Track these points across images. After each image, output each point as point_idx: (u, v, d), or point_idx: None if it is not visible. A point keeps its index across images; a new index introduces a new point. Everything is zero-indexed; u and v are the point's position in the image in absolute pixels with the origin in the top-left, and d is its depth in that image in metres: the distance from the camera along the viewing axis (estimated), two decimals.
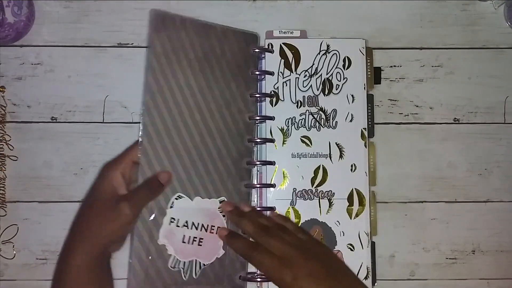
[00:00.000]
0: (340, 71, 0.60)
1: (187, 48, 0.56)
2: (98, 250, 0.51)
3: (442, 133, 0.63)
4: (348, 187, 0.59)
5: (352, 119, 0.60)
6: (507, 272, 0.62)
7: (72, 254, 0.51)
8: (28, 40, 0.62)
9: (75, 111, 0.62)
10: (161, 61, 0.55)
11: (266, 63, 0.60)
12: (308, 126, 0.60)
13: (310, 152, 0.59)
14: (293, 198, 0.59)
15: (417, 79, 0.63)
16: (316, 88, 0.60)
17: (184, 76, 0.56)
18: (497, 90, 0.63)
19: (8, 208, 0.60)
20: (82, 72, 0.62)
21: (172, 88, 0.55)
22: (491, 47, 0.64)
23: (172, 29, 0.56)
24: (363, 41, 0.61)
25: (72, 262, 0.51)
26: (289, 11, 0.63)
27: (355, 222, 0.59)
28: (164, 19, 0.55)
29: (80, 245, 0.51)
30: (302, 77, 0.60)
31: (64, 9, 0.62)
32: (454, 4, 0.64)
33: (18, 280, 0.60)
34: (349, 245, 0.59)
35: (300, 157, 0.59)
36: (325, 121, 0.60)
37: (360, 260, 0.59)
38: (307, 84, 0.60)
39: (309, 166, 0.59)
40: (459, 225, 0.62)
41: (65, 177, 0.61)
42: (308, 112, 0.60)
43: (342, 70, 0.60)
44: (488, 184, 0.63)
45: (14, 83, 0.61)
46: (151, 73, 0.55)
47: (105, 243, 0.51)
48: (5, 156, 0.61)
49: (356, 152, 0.60)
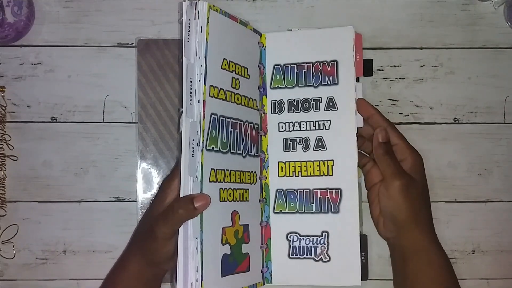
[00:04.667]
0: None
1: (171, 63, 0.60)
2: (148, 266, 0.52)
3: (442, 133, 0.63)
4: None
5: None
6: (507, 272, 0.62)
7: (123, 267, 0.53)
8: (28, 40, 0.62)
9: (75, 111, 0.62)
10: (149, 77, 0.61)
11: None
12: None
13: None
14: None
15: (417, 79, 0.63)
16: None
17: (172, 87, 0.60)
18: (497, 90, 0.63)
19: (8, 208, 0.60)
20: (82, 72, 0.62)
21: (161, 98, 0.61)
22: (491, 47, 0.64)
23: (156, 49, 0.61)
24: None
25: (123, 275, 0.53)
26: (289, 11, 0.63)
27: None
28: (148, 44, 0.61)
29: (131, 259, 0.53)
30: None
31: (64, 9, 0.62)
32: (454, 4, 0.64)
33: (18, 280, 0.60)
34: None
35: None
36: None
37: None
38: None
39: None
40: (459, 225, 0.62)
41: (65, 177, 0.61)
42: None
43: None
44: (488, 184, 0.63)
45: (14, 83, 0.61)
46: (140, 88, 0.61)
47: (152, 261, 0.51)
48: (5, 156, 0.61)
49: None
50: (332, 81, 0.57)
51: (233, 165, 0.53)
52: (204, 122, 0.49)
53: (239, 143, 0.54)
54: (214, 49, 0.51)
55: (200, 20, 0.49)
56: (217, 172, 0.51)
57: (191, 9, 0.49)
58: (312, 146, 0.57)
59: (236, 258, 0.52)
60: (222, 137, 0.52)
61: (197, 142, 0.48)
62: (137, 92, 0.61)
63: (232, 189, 0.52)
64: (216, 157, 0.51)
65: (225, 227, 0.51)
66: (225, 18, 0.53)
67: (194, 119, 0.48)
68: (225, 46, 0.53)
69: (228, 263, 0.51)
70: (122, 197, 0.61)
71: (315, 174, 0.57)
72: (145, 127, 0.61)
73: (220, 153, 0.51)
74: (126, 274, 0.53)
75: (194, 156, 0.48)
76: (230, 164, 0.53)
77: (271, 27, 0.62)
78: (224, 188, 0.51)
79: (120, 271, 0.54)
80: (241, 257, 0.53)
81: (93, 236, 0.61)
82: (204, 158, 0.49)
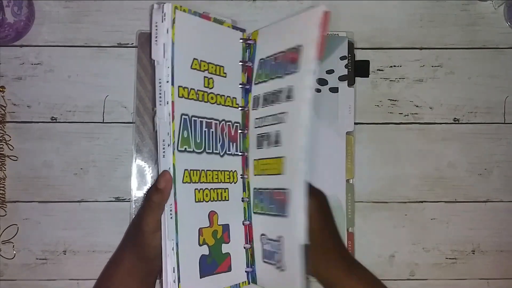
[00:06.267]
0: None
1: None
2: (142, 261, 0.51)
3: (442, 133, 0.63)
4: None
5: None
6: (507, 272, 0.62)
7: (118, 263, 0.53)
8: (28, 40, 0.62)
9: (75, 111, 0.62)
10: (148, 70, 0.61)
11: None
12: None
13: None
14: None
15: (417, 79, 0.63)
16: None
17: None
18: (497, 90, 0.63)
19: (8, 208, 0.60)
20: (82, 72, 0.62)
21: None
22: (491, 47, 0.64)
23: None
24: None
25: (118, 271, 0.52)
26: (289, 11, 0.63)
27: None
28: (149, 38, 0.59)
29: (126, 255, 0.53)
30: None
31: (64, 9, 0.62)
32: (454, 4, 0.64)
33: (18, 280, 0.60)
34: None
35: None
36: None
37: None
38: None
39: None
40: (459, 225, 0.62)
41: (65, 177, 0.61)
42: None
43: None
44: (488, 184, 0.63)
45: (14, 83, 0.61)
46: (139, 81, 0.61)
47: (145, 256, 0.51)
48: (5, 156, 0.61)
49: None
50: (294, 68, 0.50)
51: (210, 165, 0.53)
52: (174, 123, 0.49)
53: (215, 143, 0.53)
54: (182, 50, 0.50)
55: (166, 22, 0.49)
56: (191, 173, 0.50)
57: (158, 12, 0.49)
58: (273, 141, 0.52)
59: (215, 259, 0.52)
60: (196, 137, 0.51)
61: (168, 143, 0.48)
62: (136, 85, 0.62)
63: (209, 189, 0.52)
64: (190, 157, 0.50)
65: (202, 228, 0.51)
66: (195, 18, 0.52)
67: (165, 119, 0.48)
68: (196, 46, 0.52)
69: (207, 264, 0.51)
70: (122, 197, 0.61)
71: (273, 172, 0.52)
72: (142, 120, 0.61)
73: (195, 154, 0.51)
74: (119, 270, 0.53)
75: (166, 157, 0.48)
76: (206, 164, 0.52)
77: None
78: (199, 189, 0.51)
79: (114, 268, 0.54)
80: (221, 257, 0.53)
81: (93, 236, 0.61)
82: (176, 159, 0.48)
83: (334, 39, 0.61)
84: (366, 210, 0.62)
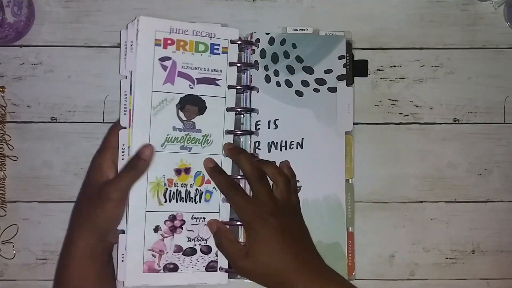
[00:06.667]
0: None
1: None
2: (96, 239, 0.52)
3: (442, 133, 0.63)
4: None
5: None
6: (507, 272, 0.62)
7: (72, 244, 0.52)
8: (28, 40, 0.62)
9: (75, 111, 0.62)
10: None
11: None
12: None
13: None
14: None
15: (417, 79, 0.63)
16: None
17: None
18: (497, 90, 0.63)
19: (8, 208, 0.60)
20: (82, 72, 0.62)
21: None
22: (491, 47, 0.64)
23: None
24: None
25: (73, 252, 0.52)
26: (289, 11, 0.63)
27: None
28: None
29: (79, 235, 0.52)
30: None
31: (64, 9, 0.62)
32: (454, 4, 0.64)
33: (18, 280, 0.60)
34: None
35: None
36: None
37: None
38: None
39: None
40: (459, 225, 0.62)
41: (65, 177, 0.61)
42: None
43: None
44: (488, 184, 0.63)
45: (14, 83, 0.61)
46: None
47: (100, 230, 0.52)
48: (5, 156, 0.61)
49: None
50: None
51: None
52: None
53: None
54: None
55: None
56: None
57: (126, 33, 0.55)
58: None
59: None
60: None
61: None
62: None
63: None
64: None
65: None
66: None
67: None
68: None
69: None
70: None
71: None
72: None
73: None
74: (76, 251, 0.52)
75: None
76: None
77: (271, 27, 0.62)
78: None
79: (70, 248, 0.53)
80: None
81: None
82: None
83: (331, 38, 0.61)
84: (366, 210, 0.62)
